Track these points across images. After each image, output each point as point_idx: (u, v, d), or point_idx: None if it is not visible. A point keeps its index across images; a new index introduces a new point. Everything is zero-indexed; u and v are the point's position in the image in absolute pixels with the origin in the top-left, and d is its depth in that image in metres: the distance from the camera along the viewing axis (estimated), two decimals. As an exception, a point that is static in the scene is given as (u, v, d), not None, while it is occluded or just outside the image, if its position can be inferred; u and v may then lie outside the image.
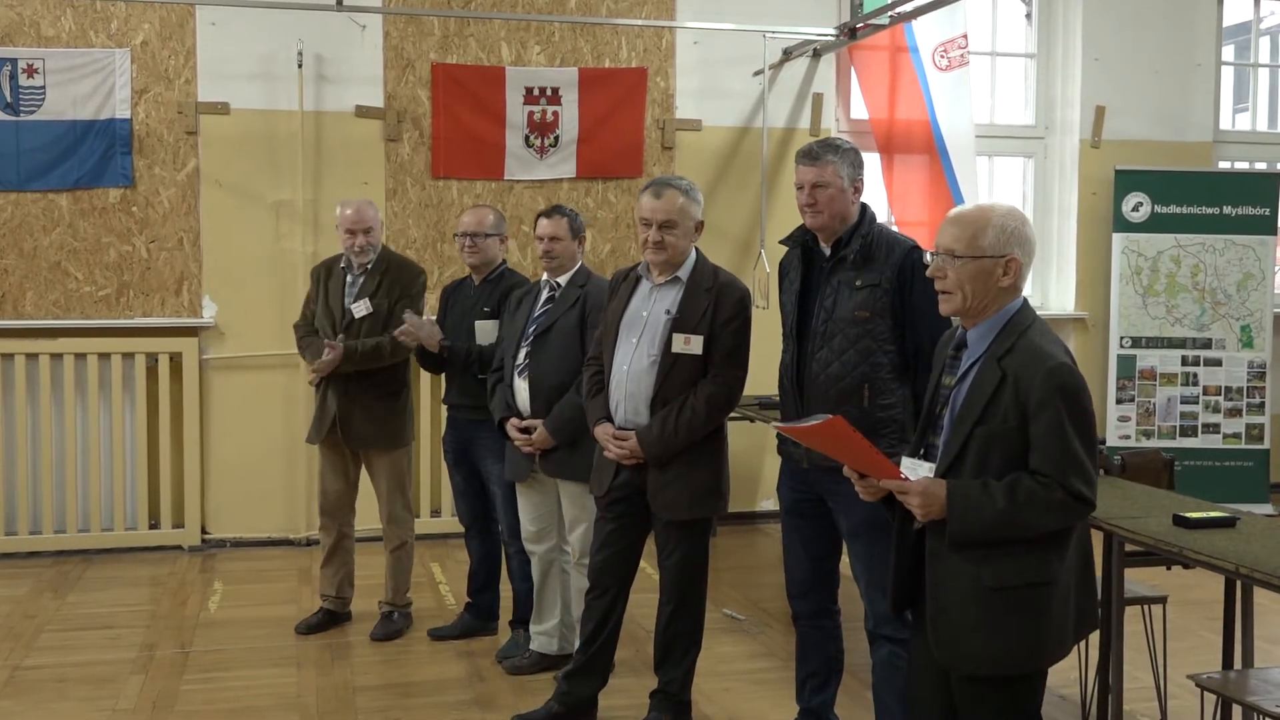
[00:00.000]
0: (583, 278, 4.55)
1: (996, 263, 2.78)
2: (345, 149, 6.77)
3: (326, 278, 5.20)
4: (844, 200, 3.69)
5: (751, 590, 5.98)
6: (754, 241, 7.24)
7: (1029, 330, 2.78)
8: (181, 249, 6.65)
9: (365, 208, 5.12)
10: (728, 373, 3.89)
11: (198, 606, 5.68)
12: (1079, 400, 2.69)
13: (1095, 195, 7.81)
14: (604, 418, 4.00)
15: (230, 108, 6.64)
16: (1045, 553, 2.72)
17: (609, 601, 4.06)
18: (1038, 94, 7.96)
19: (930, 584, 2.81)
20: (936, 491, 2.73)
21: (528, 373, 4.46)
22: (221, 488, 6.74)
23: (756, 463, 7.26)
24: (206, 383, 6.69)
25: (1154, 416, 7.70)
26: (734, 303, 3.91)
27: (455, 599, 5.73)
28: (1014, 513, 2.66)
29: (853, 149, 3.75)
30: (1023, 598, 2.71)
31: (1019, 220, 2.81)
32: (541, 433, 4.40)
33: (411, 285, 5.15)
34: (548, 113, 7.00)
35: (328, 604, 5.33)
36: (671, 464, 3.89)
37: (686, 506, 3.91)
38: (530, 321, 4.52)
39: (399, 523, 5.23)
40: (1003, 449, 2.71)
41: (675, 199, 3.89)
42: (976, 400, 2.74)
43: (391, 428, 5.14)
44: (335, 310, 5.11)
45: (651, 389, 3.88)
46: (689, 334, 3.86)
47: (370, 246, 5.09)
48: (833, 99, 7.45)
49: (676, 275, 3.95)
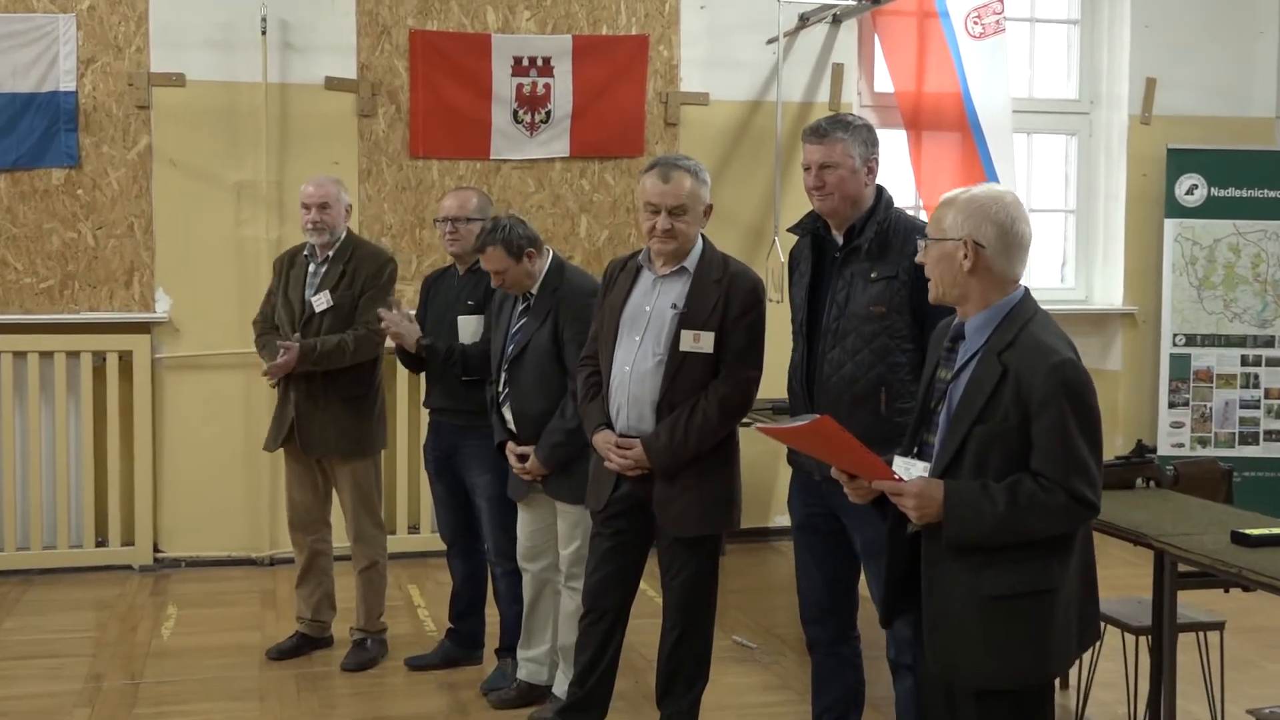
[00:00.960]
0: (555, 278, 4.53)
1: (956, 245, 2.87)
2: (314, 125, 6.78)
3: (289, 267, 5.22)
4: (855, 182, 3.69)
5: (763, 615, 5.98)
6: (766, 229, 7.24)
7: (1031, 323, 2.85)
8: (132, 236, 6.66)
9: (327, 183, 5.15)
10: (741, 372, 3.89)
11: (149, 633, 5.68)
12: (1084, 398, 2.76)
13: (1145, 177, 7.81)
14: (603, 424, 4.00)
15: (186, 79, 6.64)
16: (1047, 558, 2.80)
17: (606, 627, 4.07)
18: (1082, 64, 7.95)
19: (926, 592, 2.89)
20: (933, 493, 2.81)
21: (509, 402, 4.52)
22: (176, 501, 6.74)
23: (770, 474, 7.25)
24: (160, 384, 6.70)
25: (1210, 422, 7.69)
26: (747, 294, 3.91)
27: (436, 625, 5.74)
28: (1014, 516, 2.74)
29: (865, 125, 3.76)
30: (1024, 606, 2.78)
31: (994, 201, 2.89)
32: (534, 463, 4.45)
33: (378, 275, 5.15)
34: (538, 85, 7.00)
35: (303, 627, 5.35)
36: (680, 474, 3.89)
37: (697, 521, 3.91)
38: (508, 339, 4.55)
39: (367, 540, 5.24)
40: (1003, 449, 2.78)
41: (684, 181, 3.89)
42: (975, 397, 2.81)
43: (354, 434, 5.15)
44: (295, 303, 5.12)
45: (658, 392, 3.89)
46: (699, 330, 3.86)
47: (326, 225, 5.10)
48: (854, 70, 7.45)
49: (682, 265, 3.95)
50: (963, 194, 2.94)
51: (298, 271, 5.17)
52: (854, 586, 3.90)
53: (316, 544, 5.30)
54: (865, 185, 3.73)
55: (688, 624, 4.00)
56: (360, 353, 5.07)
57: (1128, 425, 7.75)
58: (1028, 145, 7.94)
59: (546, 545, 4.62)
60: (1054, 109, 7.96)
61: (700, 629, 4.02)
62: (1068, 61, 8.02)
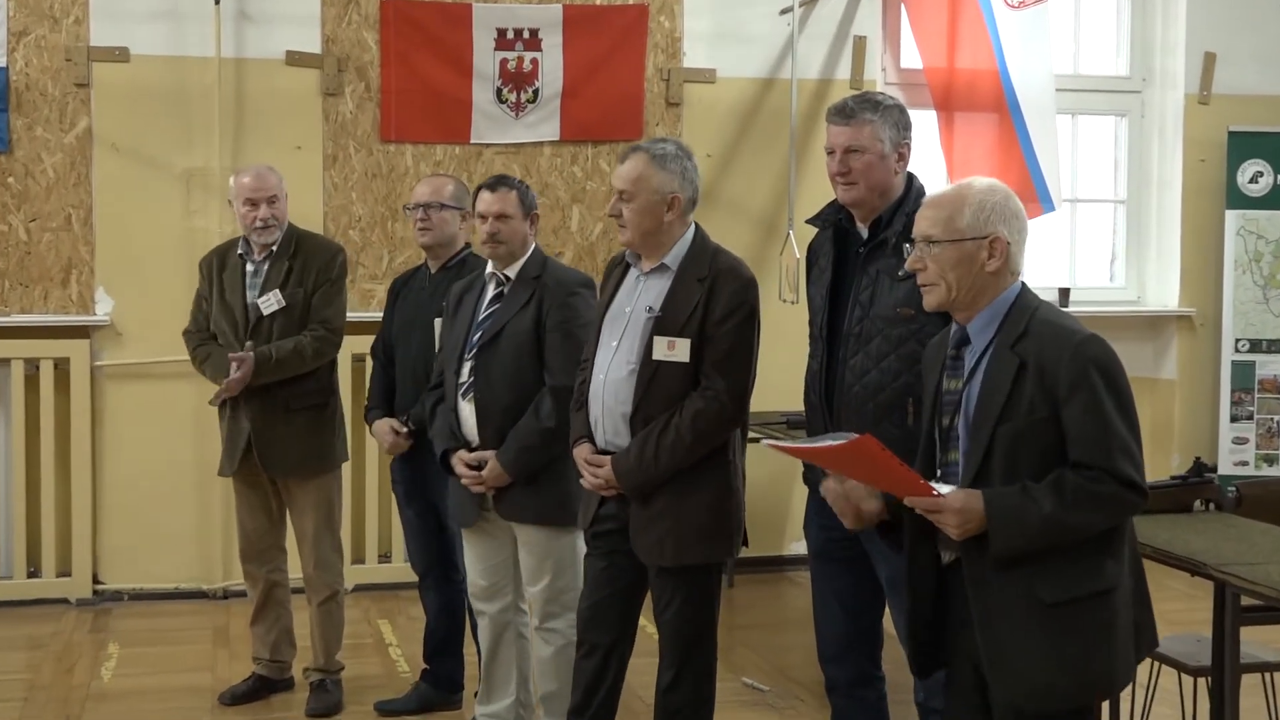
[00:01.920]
0: (536, 267, 4.53)
1: (979, 245, 2.98)
2: (273, 105, 6.77)
3: (220, 269, 5.19)
4: (884, 169, 3.69)
5: (777, 653, 5.97)
6: (780, 221, 7.22)
7: (1040, 310, 2.97)
8: (70, 229, 6.65)
9: (268, 173, 5.15)
10: (719, 384, 3.85)
11: (88, 674, 5.66)
12: (1115, 376, 2.86)
13: (1204, 163, 7.80)
14: (583, 437, 4.00)
15: (130, 54, 6.64)
16: (1100, 556, 2.89)
17: (598, 663, 4.04)
18: (1133, 37, 7.95)
19: (980, 618, 2.92)
20: (973, 505, 2.86)
21: (473, 393, 4.46)
22: (118, 527, 6.72)
23: (784, 495, 7.24)
24: (100, 395, 6.69)
25: (1277, 438, 7.68)
26: (731, 294, 3.87)
27: (409, 665, 5.72)
28: (1064, 514, 2.81)
29: (897, 105, 3.76)
30: (1086, 610, 2.87)
31: (1002, 194, 3.02)
32: (494, 467, 4.38)
33: (329, 268, 5.15)
34: (524, 60, 7.00)
35: (261, 668, 5.33)
36: (656, 498, 3.87)
37: (674, 551, 3.88)
38: (474, 327, 4.52)
39: (327, 568, 5.22)
40: (1034, 445, 2.87)
41: (636, 163, 3.90)
42: (994, 396, 2.91)
43: (317, 449, 5.15)
44: (236, 308, 5.10)
45: (630, 404, 3.88)
46: (673, 337, 3.85)
47: (276, 221, 5.10)
48: (878, 43, 7.44)
49: (663, 262, 3.94)
50: (964, 190, 3.04)
51: (232, 273, 5.15)
52: (878, 621, 3.89)
53: (273, 574, 5.28)
54: (895, 173, 3.73)
55: (684, 663, 3.97)
56: (320, 355, 5.07)
57: (1184, 441, 7.74)
58: (1072, 128, 7.94)
59: (505, 582, 4.59)
60: (1102, 87, 7.96)
61: (699, 668, 3.99)
62: (1117, 34, 8.02)
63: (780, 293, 6.74)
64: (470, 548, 4.64)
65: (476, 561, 4.63)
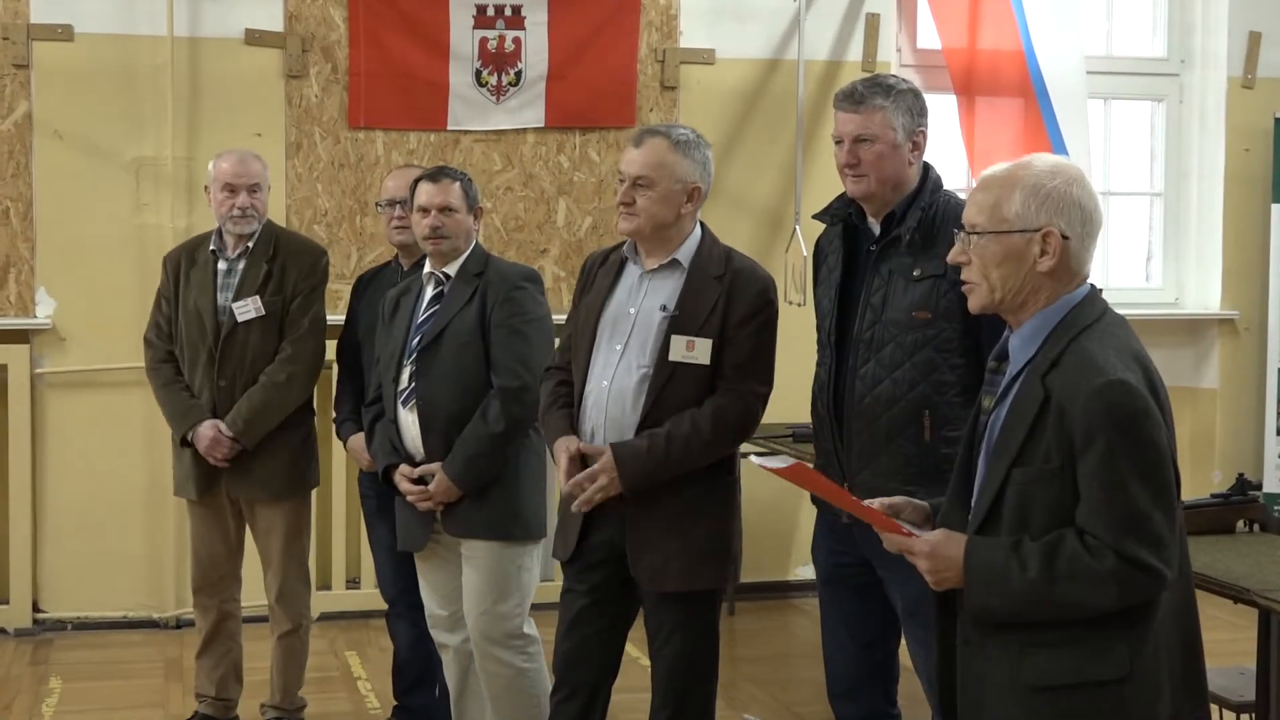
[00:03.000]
0: (478, 263, 4.58)
1: (1030, 239, 2.75)
2: (230, 89, 6.78)
3: (188, 267, 5.17)
4: (897, 160, 3.70)
5: (781, 688, 5.98)
6: (786, 216, 7.24)
7: (1086, 333, 2.72)
8: (8, 224, 6.65)
9: (251, 158, 5.16)
10: (744, 385, 3.88)
11: (28, 711, 5.66)
12: (1137, 431, 2.61)
13: (1248, 152, 7.83)
14: (569, 433, 3.93)
15: (74, 32, 6.64)
16: (1109, 639, 2.65)
17: (581, 706, 4.03)
18: (1171, 16, 7.98)
19: (962, 680, 2.81)
20: (949, 551, 2.74)
21: (415, 400, 4.48)
22: (61, 549, 6.72)
23: (789, 516, 7.25)
24: (41, 405, 6.69)
25: (1329, 452, 7.70)
26: (753, 295, 3.90)
27: (380, 701, 5.73)
28: (1050, 585, 2.61)
29: (911, 90, 3.77)
30: (1081, 702, 2.66)
31: (1065, 178, 2.78)
32: (442, 480, 4.40)
33: (312, 274, 5.16)
34: (506, 39, 7.01)
35: (205, 707, 5.32)
36: (657, 512, 3.86)
37: (679, 575, 3.87)
38: (413, 330, 4.54)
39: (294, 598, 5.23)
40: (1045, 499, 2.66)
41: (656, 148, 3.90)
42: (1015, 432, 2.70)
43: (289, 469, 5.15)
44: (205, 313, 5.08)
45: (641, 410, 3.87)
46: (693, 337, 3.85)
47: (255, 212, 5.10)
48: (892, 21, 7.46)
49: (674, 258, 3.94)
50: (1019, 170, 2.80)
51: (201, 273, 5.13)
52: (893, 653, 3.89)
53: (226, 605, 5.28)
54: (909, 163, 3.74)
55: (682, 701, 3.97)
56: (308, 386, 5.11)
57: (1227, 456, 7.75)
58: (1105, 113, 7.96)
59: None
60: (1137, 70, 7.98)
61: (697, 706, 3.99)
62: (1154, 12, 8.05)
63: (786, 294, 6.74)
64: (424, 576, 4.66)
65: (432, 590, 4.66)
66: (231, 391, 5.03)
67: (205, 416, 5.01)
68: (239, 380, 5.05)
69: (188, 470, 5.13)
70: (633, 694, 4.80)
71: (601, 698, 4.07)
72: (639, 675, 4.94)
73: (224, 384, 5.04)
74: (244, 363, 5.06)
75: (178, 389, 5.11)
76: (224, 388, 5.03)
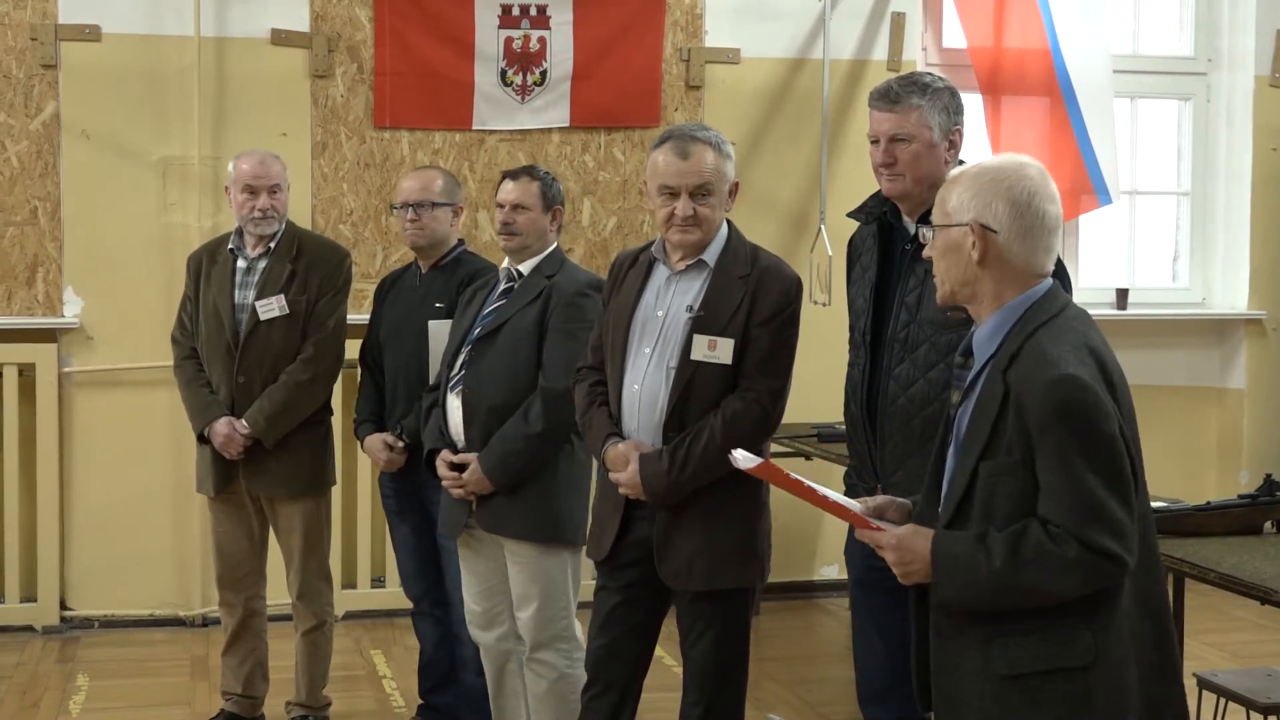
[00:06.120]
0: (552, 266, 4.60)
1: (964, 232, 2.86)
2: (257, 89, 6.80)
3: (209, 267, 5.21)
4: (933, 159, 3.72)
5: (807, 689, 5.98)
6: (811, 215, 7.25)
7: (1045, 327, 2.81)
8: (35, 224, 6.69)
9: (270, 159, 5.18)
10: (760, 385, 3.89)
11: (55, 708, 5.70)
12: (1088, 423, 2.70)
13: (1276, 151, 7.81)
14: (613, 434, 3.96)
15: (102, 32, 6.66)
16: (1074, 626, 2.75)
17: (613, 703, 4.06)
18: (1198, 14, 7.96)
19: (935, 670, 2.88)
20: (916, 545, 2.82)
21: (461, 387, 4.51)
22: (88, 548, 6.76)
23: (815, 515, 7.21)
24: (68, 404, 6.72)
25: (1357, 453, 7.68)
26: (779, 295, 3.91)
27: (405, 700, 5.75)
28: (1015, 574, 2.70)
29: (947, 88, 3.78)
30: (1051, 689, 2.74)
31: (994, 174, 2.86)
32: (475, 471, 4.43)
33: (335, 275, 5.19)
34: (531, 39, 7.03)
35: (231, 705, 5.35)
36: (685, 512, 3.88)
37: (704, 574, 3.89)
38: (477, 321, 4.57)
39: (315, 596, 5.26)
40: (1009, 490, 2.76)
41: (706, 156, 3.89)
42: (981, 425, 2.80)
43: (308, 467, 5.18)
44: (224, 312, 5.11)
45: (664, 410, 3.89)
46: (715, 336, 3.87)
47: (276, 213, 5.13)
48: (918, 20, 7.46)
49: (700, 258, 3.95)
50: (972, 168, 2.92)
51: (221, 272, 5.16)
52: (924, 657, 3.89)
53: (251, 603, 5.31)
54: (945, 162, 3.75)
55: (713, 700, 3.98)
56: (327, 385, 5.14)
57: (1254, 456, 7.73)
58: (1131, 113, 7.94)
59: (501, 607, 4.62)
60: (1164, 68, 7.96)
61: (728, 706, 4.01)
62: (1181, 10, 8.02)
63: (811, 294, 6.75)
64: (464, 566, 4.68)
65: (470, 584, 4.67)
66: (250, 388, 5.07)
67: (223, 413, 5.05)
68: (258, 377, 5.09)
69: (206, 466, 5.18)
70: (662, 693, 4.82)
71: (633, 694, 4.10)
72: (663, 675, 4.98)
73: (243, 380, 5.08)
74: (264, 360, 5.10)
75: (199, 386, 5.16)
76: (243, 384, 5.08)
